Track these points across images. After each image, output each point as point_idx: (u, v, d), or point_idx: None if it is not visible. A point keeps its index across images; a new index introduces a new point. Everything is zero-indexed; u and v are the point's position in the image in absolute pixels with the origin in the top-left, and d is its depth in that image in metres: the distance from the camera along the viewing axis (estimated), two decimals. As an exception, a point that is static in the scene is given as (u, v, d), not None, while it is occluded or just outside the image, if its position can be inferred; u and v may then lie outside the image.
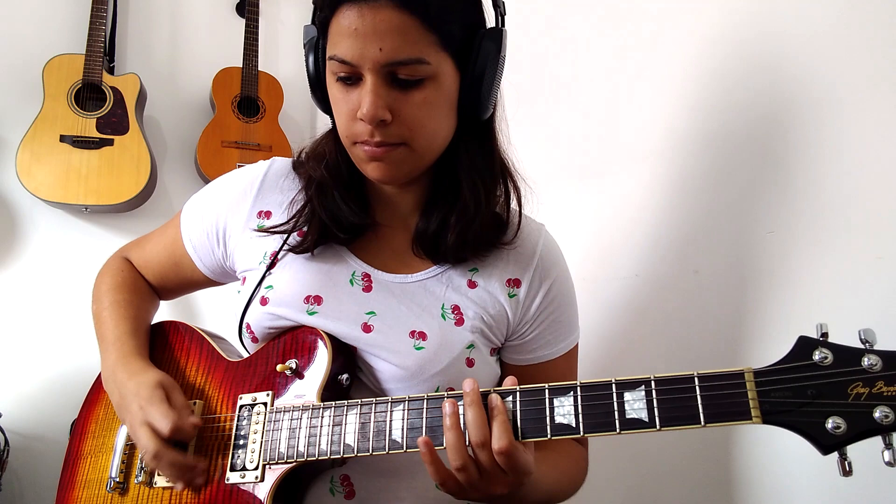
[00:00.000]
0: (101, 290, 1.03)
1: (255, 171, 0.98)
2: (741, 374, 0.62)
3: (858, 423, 0.58)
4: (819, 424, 0.59)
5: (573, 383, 0.69)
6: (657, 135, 1.30)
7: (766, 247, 1.05)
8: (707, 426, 0.62)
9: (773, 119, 1.06)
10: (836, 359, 0.60)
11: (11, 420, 1.93)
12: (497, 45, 0.80)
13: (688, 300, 1.19)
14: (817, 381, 0.60)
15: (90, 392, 1.04)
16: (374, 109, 0.75)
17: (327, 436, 0.77)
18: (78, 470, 0.98)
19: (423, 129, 0.79)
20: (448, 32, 0.76)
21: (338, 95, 0.80)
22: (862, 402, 0.58)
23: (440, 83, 0.78)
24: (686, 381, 0.64)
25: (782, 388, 0.61)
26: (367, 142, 0.79)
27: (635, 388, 0.66)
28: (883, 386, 0.58)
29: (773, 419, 0.61)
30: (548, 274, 0.92)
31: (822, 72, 1.00)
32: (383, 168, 0.81)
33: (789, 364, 0.61)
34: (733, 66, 1.15)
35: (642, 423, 0.65)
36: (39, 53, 2.10)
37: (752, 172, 1.09)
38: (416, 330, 0.86)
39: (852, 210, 0.94)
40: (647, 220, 1.30)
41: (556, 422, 0.68)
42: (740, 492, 1.06)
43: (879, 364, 0.58)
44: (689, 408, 0.63)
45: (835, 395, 0.59)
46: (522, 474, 0.70)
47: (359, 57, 0.74)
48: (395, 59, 0.74)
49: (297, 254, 0.90)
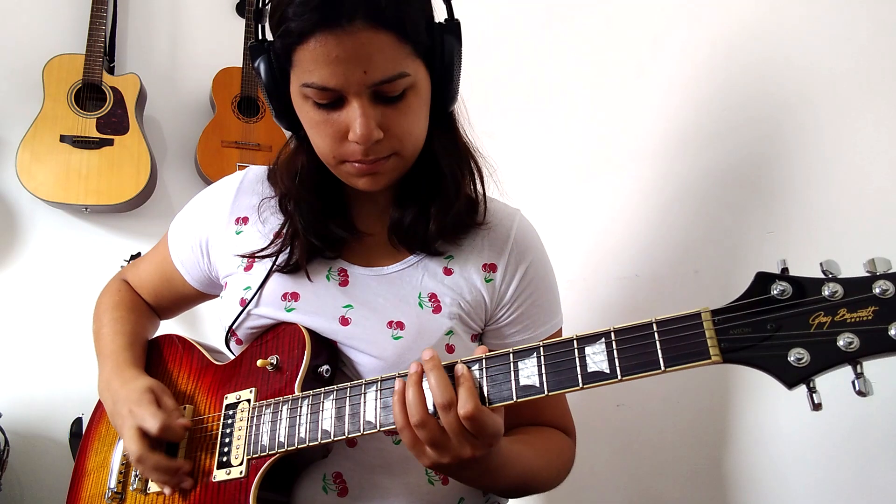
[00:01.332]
0: (100, 310, 1.07)
1: (232, 180, 1.01)
2: (698, 314, 0.61)
3: (822, 353, 0.55)
4: (781, 357, 0.57)
5: (536, 344, 0.69)
6: (657, 135, 1.30)
7: (766, 247, 1.05)
8: (668, 370, 0.61)
9: (773, 119, 1.06)
10: (796, 291, 0.58)
11: (11, 420, 1.93)
12: (457, 36, 0.81)
13: (688, 300, 1.19)
14: (777, 314, 0.58)
15: (94, 410, 1.07)
16: (367, 132, 0.75)
17: (306, 424, 0.78)
18: (82, 487, 1.01)
19: (410, 137, 0.80)
20: (418, 40, 0.77)
21: (316, 118, 0.78)
22: (825, 331, 0.56)
23: (418, 89, 0.79)
24: (644, 328, 0.63)
25: (741, 324, 0.59)
26: (361, 161, 0.79)
27: (596, 342, 0.65)
28: (846, 313, 0.55)
29: (732, 357, 0.59)
30: (523, 257, 0.92)
31: (822, 72, 1.00)
32: (375, 179, 0.82)
33: (747, 300, 0.59)
34: (733, 67, 1.15)
35: (604, 374, 0.64)
36: (39, 53, 2.10)
37: (752, 172, 1.09)
38: (394, 320, 0.86)
39: (852, 210, 0.94)
40: (647, 220, 1.30)
41: (521, 384, 0.68)
42: (740, 491, 1.06)
43: (841, 291, 0.56)
44: (648, 353, 0.62)
45: (796, 327, 0.57)
46: (491, 436, 0.69)
47: (343, 83, 0.73)
48: (379, 79, 0.74)
49: (287, 273, 0.90)
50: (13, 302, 2.10)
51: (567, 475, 0.93)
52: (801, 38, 1.04)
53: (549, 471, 0.89)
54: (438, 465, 0.72)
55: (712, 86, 1.19)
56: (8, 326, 2.08)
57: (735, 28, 1.16)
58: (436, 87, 0.82)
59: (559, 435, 0.96)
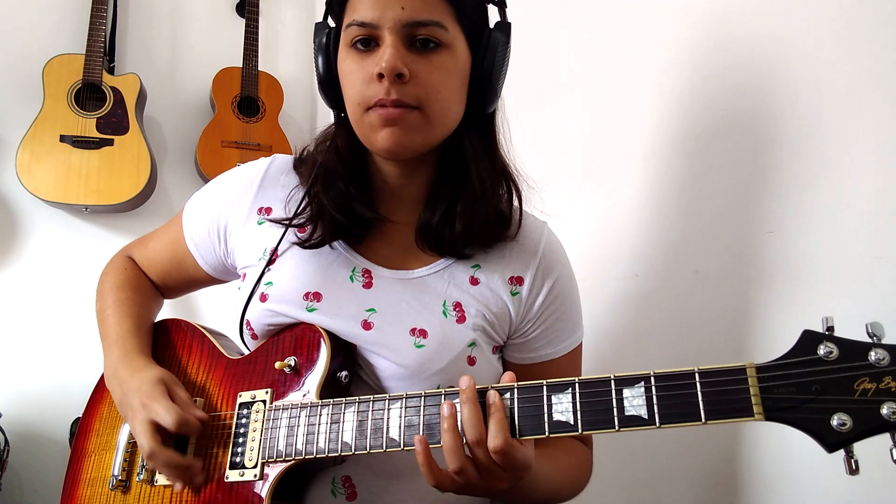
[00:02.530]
0: (104, 288, 1.04)
1: (257, 167, 0.98)
2: (743, 369, 0.60)
3: (865, 420, 0.55)
4: (824, 421, 0.56)
5: (571, 380, 0.68)
6: (657, 135, 1.30)
7: (766, 247, 1.05)
8: (708, 423, 0.60)
9: (773, 118, 1.06)
10: (842, 353, 0.57)
11: (11, 420, 1.93)
12: (506, 37, 0.84)
13: (688, 300, 1.19)
14: (822, 377, 0.58)
15: (94, 391, 1.04)
16: (393, 61, 0.76)
17: (325, 434, 0.77)
18: (82, 468, 0.98)
19: (437, 94, 0.80)
20: (462, 8, 0.81)
21: (352, 66, 0.81)
22: (869, 398, 0.55)
23: (455, 54, 0.81)
24: (686, 376, 0.62)
25: (785, 383, 0.59)
26: (383, 101, 0.78)
27: (634, 385, 0.64)
28: (891, 381, 0.55)
29: (776, 416, 0.59)
30: (550, 272, 0.91)
31: (823, 71, 0.99)
32: (396, 134, 0.80)
33: (793, 359, 0.59)
34: (732, 66, 1.15)
35: (642, 420, 0.63)
36: (39, 53, 2.10)
37: (752, 172, 1.09)
38: (417, 327, 0.85)
39: (852, 210, 0.93)
40: (647, 220, 1.30)
41: (555, 419, 0.67)
42: (743, 492, 1.06)
43: (887, 358, 0.56)
44: (689, 404, 0.61)
45: (840, 391, 0.57)
46: (521, 469, 0.69)
47: (379, 17, 0.77)
48: (416, 18, 0.77)
49: (307, 248, 0.89)
50: (13, 302, 2.10)
51: (585, 486, 0.93)
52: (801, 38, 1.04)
53: (570, 483, 0.89)
54: (466, 493, 0.72)
55: (712, 86, 1.19)
56: (8, 326, 2.08)
57: (735, 28, 1.16)
58: (475, 74, 0.84)
59: (579, 446, 0.95)
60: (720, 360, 1.10)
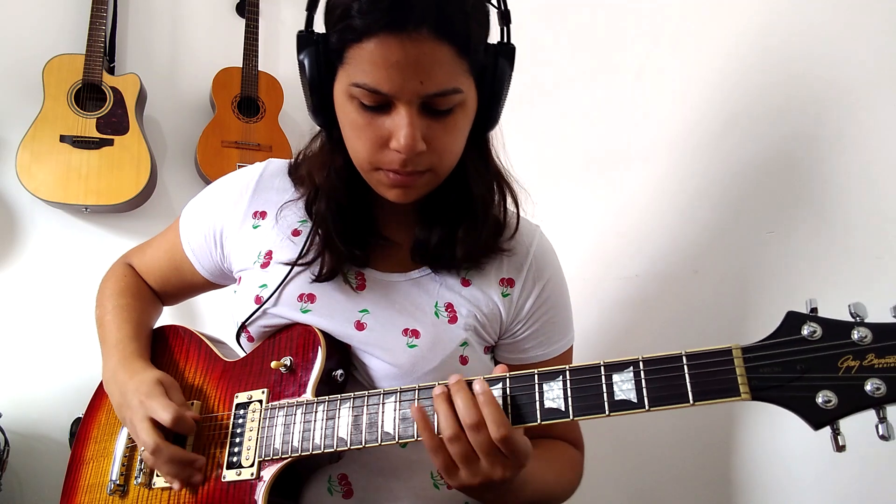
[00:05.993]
0: (104, 294, 1.05)
1: (251, 172, 0.99)
2: (729, 350, 0.62)
3: (850, 397, 0.57)
4: (809, 399, 0.58)
5: (562, 367, 0.69)
6: (657, 135, 1.30)
7: (766, 247, 1.05)
8: (696, 404, 0.62)
9: (773, 119, 1.06)
10: (826, 332, 0.59)
11: (11, 420, 1.93)
12: (511, 61, 0.79)
13: (688, 300, 1.19)
14: (806, 356, 0.59)
15: (93, 398, 1.05)
16: (412, 142, 0.73)
17: (321, 430, 0.78)
18: (80, 475, 0.99)
19: (449, 155, 0.79)
20: (476, 58, 0.75)
21: (359, 121, 0.76)
22: (853, 374, 0.57)
23: (467, 107, 0.77)
24: (674, 360, 0.64)
25: (771, 363, 0.60)
26: (397, 171, 0.77)
27: (624, 370, 0.65)
28: (874, 358, 0.57)
29: (762, 395, 0.60)
30: (541, 274, 0.92)
31: (822, 72, 1.00)
32: (406, 193, 0.80)
33: (778, 339, 0.61)
34: (732, 67, 1.15)
35: (631, 403, 0.64)
36: (39, 53, 2.10)
37: (753, 172, 1.09)
38: (410, 328, 0.86)
39: (852, 210, 0.94)
40: (647, 220, 1.30)
41: (546, 406, 0.68)
42: (742, 493, 1.06)
43: (869, 336, 0.57)
44: (677, 386, 0.63)
45: (825, 369, 0.58)
46: (523, 457, 0.70)
47: (397, 89, 0.71)
48: (434, 90, 0.72)
49: (318, 282, 0.89)
50: (13, 302, 2.10)
51: (576, 489, 0.93)
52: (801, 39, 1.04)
53: (562, 485, 0.90)
54: (468, 487, 0.72)
55: (712, 86, 1.19)
56: (8, 326, 2.08)
57: (735, 29, 1.16)
58: (481, 108, 0.80)
59: (571, 449, 0.96)
60: (720, 360, 1.10)
